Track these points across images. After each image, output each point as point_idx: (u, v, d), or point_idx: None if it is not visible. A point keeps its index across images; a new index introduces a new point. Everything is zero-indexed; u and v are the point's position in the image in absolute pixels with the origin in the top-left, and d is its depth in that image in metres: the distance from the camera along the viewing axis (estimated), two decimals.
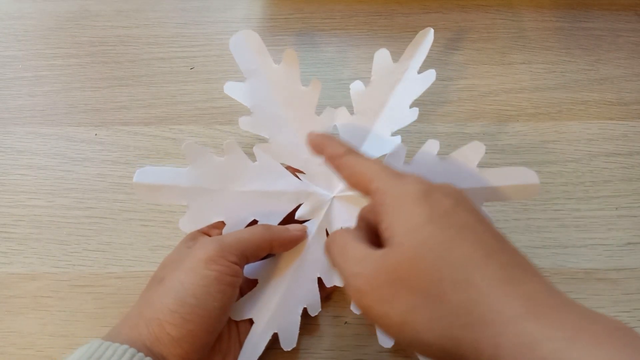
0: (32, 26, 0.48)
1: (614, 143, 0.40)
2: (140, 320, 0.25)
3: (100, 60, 0.46)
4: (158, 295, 0.26)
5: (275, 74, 0.34)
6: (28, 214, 0.38)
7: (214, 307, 0.26)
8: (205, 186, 0.32)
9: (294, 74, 0.34)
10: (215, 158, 0.32)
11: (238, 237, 0.29)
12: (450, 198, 0.23)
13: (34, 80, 0.45)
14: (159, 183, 0.31)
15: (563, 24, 0.46)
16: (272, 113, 0.34)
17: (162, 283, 0.27)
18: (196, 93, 0.44)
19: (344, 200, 0.34)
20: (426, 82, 0.35)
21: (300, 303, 0.32)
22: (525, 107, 0.42)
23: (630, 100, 0.42)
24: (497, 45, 0.45)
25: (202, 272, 0.26)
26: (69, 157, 0.41)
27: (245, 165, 0.33)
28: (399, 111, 0.35)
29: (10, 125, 0.42)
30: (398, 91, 0.35)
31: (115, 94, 0.44)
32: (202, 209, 0.32)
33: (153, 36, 0.47)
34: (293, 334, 0.31)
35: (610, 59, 0.44)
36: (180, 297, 0.25)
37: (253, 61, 0.34)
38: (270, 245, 0.30)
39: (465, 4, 0.48)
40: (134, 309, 0.27)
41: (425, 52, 0.35)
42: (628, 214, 0.37)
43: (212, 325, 0.26)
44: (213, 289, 0.26)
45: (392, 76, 0.35)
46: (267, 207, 0.33)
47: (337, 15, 0.47)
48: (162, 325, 0.25)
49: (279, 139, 0.34)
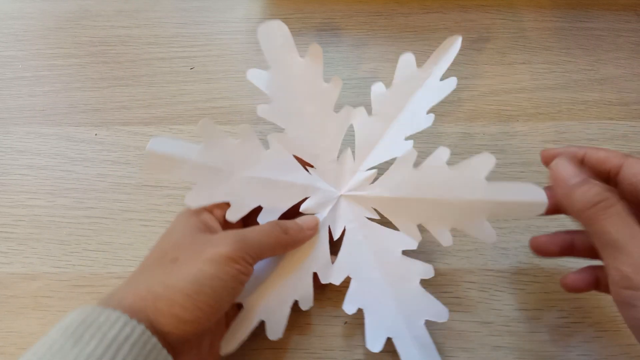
0: (32, 26, 0.48)
1: (614, 143, 0.40)
2: (149, 294, 0.26)
3: (101, 60, 0.46)
4: (174, 276, 0.26)
5: (299, 67, 0.34)
6: (28, 214, 0.38)
7: (225, 300, 0.27)
8: (215, 166, 0.32)
9: (317, 69, 0.34)
10: (230, 140, 0.32)
11: (260, 241, 0.29)
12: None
13: (34, 80, 0.45)
14: (171, 155, 0.31)
15: (563, 24, 0.47)
16: (290, 104, 0.34)
17: (178, 265, 0.27)
18: (196, 93, 0.44)
19: (351, 200, 0.34)
20: (447, 89, 0.34)
21: (292, 295, 0.32)
22: (525, 107, 0.42)
23: (630, 100, 0.42)
24: (497, 45, 0.45)
25: (224, 268, 0.26)
26: (69, 157, 0.41)
27: (258, 151, 0.33)
28: (415, 116, 0.34)
29: (10, 125, 0.42)
30: (418, 96, 0.35)
31: (115, 94, 0.44)
32: (210, 187, 0.32)
33: (153, 36, 0.47)
34: (280, 324, 0.31)
35: (610, 59, 0.44)
36: (199, 285, 0.26)
37: (279, 51, 0.34)
38: (286, 249, 0.31)
39: (465, 4, 0.48)
40: (139, 278, 0.28)
41: (450, 60, 0.35)
42: None
43: (217, 315, 0.27)
44: (229, 284, 0.27)
45: (414, 81, 0.35)
46: (274, 197, 0.33)
47: (337, 15, 0.47)
48: (172, 305, 0.25)
49: (295, 131, 0.34)
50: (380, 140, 0.35)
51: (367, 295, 0.32)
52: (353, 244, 0.33)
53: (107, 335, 0.23)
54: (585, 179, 0.26)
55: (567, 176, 0.26)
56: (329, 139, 0.35)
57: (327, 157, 0.35)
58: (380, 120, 0.35)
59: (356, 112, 0.35)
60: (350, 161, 0.35)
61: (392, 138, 0.35)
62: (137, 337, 0.23)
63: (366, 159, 0.35)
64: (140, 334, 0.24)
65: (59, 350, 0.22)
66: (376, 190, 0.34)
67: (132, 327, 0.24)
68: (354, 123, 0.35)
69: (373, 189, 0.34)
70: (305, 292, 0.32)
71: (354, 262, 0.33)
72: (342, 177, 0.35)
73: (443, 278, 0.35)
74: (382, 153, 0.34)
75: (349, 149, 0.35)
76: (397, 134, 0.34)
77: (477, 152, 0.39)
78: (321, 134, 0.35)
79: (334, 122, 0.35)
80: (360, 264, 0.33)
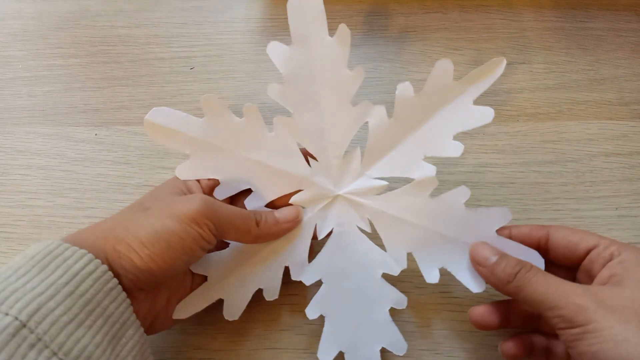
0: (32, 26, 0.48)
1: (614, 143, 0.40)
2: (110, 235, 0.27)
3: (101, 60, 0.46)
4: (137, 223, 0.27)
5: (324, 47, 0.31)
6: (28, 214, 0.38)
7: (179, 259, 0.27)
8: (213, 142, 0.31)
9: (342, 53, 0.31)
10: (233, 117, 0.31)
11: (229, 218, 0.29)
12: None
13: (34, 80, 0.45)
14: (170, 126, 0.31)
15: (563, 24, 0.47)
16: (306, 87, 0.32)
17: (145, 213, 0.28)
18: (196, 93, 0.44)
19: (347, 203, 0.33)
20: (479, 119, 0.31)
21: (258, 283, 0.31)
22: (525, 107, 0.42)
23: (630, 100, 0.42)
24: (497, 45, 0.45)
25: (185, 227, 0.27)
26: (69, 157, 0.41)
27: (260, 133, 0.32)
28: (440, 136, 0.31)
29: (10, 125, 0.42)
30: (446, 112, 0.31)
31: (115, 94, 0.44)
32: (204, 162, 0.31)
33: (153, 36, 0.47)
34: (238, 307, 0.31)
35: (610, 59, 0.44)
36: (156, 237, 0.26)
37: (307, 26, 0.31)
38: (255, 241, 0.31)
39: (465, 4, 0.48)
40: (106, 221, 0.28)
41: (489, 84, 0.31)
42: (628, 214, 0.37)
43: (171, 271, 0.27)
44: (187, 244, 0.27)
45: (446, 92, 0.31)
46: (266, 182, 0.32)
47: (337, 15, 0.47)
48: (129, 250, 0.26)
49: (304, 118, 0.32)
50: (395, 149, 0.32)
51: (333, 304, 0.31)
52: (335, 249, 0.32)
53: (72, 268, 0.24)
54: (502, 255, 0.29)
55: (485, 257, 0.29)
56: (339, 133, 0.32)
57: (333, 152, 0.32)
58: (399, 126, 0.32)
59: (375, 109, 0.32)
60: (356, 162, 0.33)
61: (410, 152, 0.32)
62: (99, 275, 0.25)
63: (375, 164, 0.32)
64: (103, 272, 0.25)
65: (24, 275, 0.23)
66: (379, 203, 0.32)
67: (95, 265, 0.25)
68: (370, 122, 0.32)
69: (376, 201, 0.32)
70: (272, 283, 0.32)
71: (330, 267, 0.32)
72: (344, 176, 0.33)
73: None
74: (395, 165, 0.32)
75: (359, 149, 0.33)
76: (416, 149, 0.32)
77: (477, 153, 0.40)
78: (332, 126, 0.32)
79: (349, 115, 0.32)
80: (336, 270, 0.32)
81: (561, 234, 0.30)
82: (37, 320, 0.22)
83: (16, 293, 0.22)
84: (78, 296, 0.24)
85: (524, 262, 0.28)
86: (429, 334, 0.33)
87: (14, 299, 0.22)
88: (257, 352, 0.33)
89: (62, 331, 0.22)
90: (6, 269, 0.24)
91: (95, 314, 0.24)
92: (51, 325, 0.22)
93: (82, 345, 0.23)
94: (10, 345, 0.21)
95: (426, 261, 0.31)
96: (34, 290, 0.23)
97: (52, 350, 0.22)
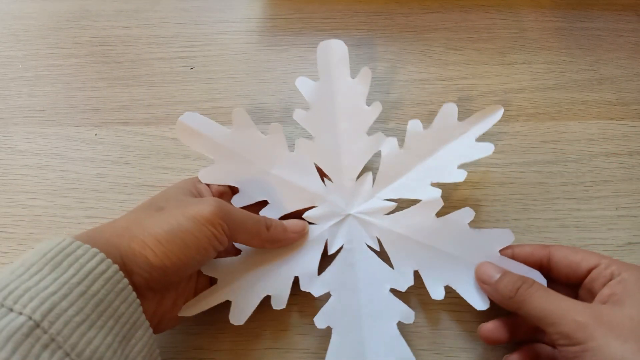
0: (32, 26, 0.48)
1: (614, 143, 0.40)
2: (126, 233, 0.27)
3: (101, 60, 0.46)
4: (153, 221, 0.27)
5: (346, 85, 0.36)
6: (28, 214, 0.38)
7: (193, 258, 0.28)
8: (238, 152, 0.34)
9: (362, 91, 0.36)
10: (259, 134, 0.35)
11: (241, 220, 0.30)
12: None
13: (34, 80, 0.45)
14: (200, 131, 0.34)
15: (563, 24, 0.47)
16: (327, 117, 0.36)
17: (161, 212, 0.28)
18: (196, 93, 0.44)
19: (357, 222, 0.34)
20: (481, 152, 0.35)
21: (267, 290, 0.32)
22: (525, 107, 0.42)
23: (630, 100, 0.42)
24: (497, 45, 0.45)
25: (200, 227, 0.27)
26: (69, 157, 0.41)
27: (282, 151, 0.35)
28: (446, 166, 0.35)
29: (10, 125, 0.42)
30: (452, 146, 0.35)
31: (115, 94, 0.44)
32: (227, 169, 0.34)
33: (153, 36, 0.47)
34: (245, 312, 0.31)
35: (610, 59, 0.44)
36: (172, 235, 0.27)
37: (333, 67, 0.36)
38: (264, 245, 0.32)
39: (465, 4, 0.48)
40: (121, 220, 0.29)
41: (489, 126, 0.35)
42: (628, 214, 0.37)
43: (184, 270, 0.28)
44: (201, 244, 0.28)
45: (451, 131, 0.35)
46: (282, 196, 0.34)
47: (337, 15, 0.47)
48: (144, 247, 0.26)
49: (323, 141, 0.36)
50: (405, 175, 0.35)
51: (340, 317, 0.31)
52: (344, 264, 0.33)
53: (85, 267, 0.24)
54: (505, 272, 0.30)
55: (489, 276, 0.30)
56: (353, 158, 0.36)
57: (347, 175, 0.35)
58: (409, 156, 0.35)
59: (387, 140, 0.36)
60: (368, 185, 0.35)
61: (418, 178, 0.35)
62: (110, 275, 0.25)
63: (385, 188, 0.35)
64: (114, 272, 0.25)
65: (37, 272, 0.23)
66: (387, 222, 0.34)
67: (107, 265, 0.25)
68: (382, 150, 0.36)
69: (385, 220, 0.34)
70: (280, 292, 0.32)
71: (339, 281, 0.33)
72: (356, 197, 0.35)
73: None
74: (404, 189, 0.35)
75: (370, 173, 0.36)
76: (424, 177, 0.35)
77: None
78: (348, 151, 0.36)
79: (364, 143, 0.36)
80: (345, 284, 0.32)
81: (563, 253, 0.31)
82: (50, 321, 0.21)
83: (29, 292, 0.22)
84: (90, 296, 0.23)
85: (525, 278, 0.29)
86: (429, 334, 0.33)
87: (28, 298, 0.22)
88: (257, 352, 0.33)
89: (75, 332, 0.22)
90: (18, 265, 0.23)
91: (107, 314, 0.24)
92: (64, 326, 0.22)
93: (94, 346, 0.23)
94: (24, 345, 0.20)
95: (431, 278, 0.32)
96: (47, 290, 0.22)
97: (65, 351, 0.21)
